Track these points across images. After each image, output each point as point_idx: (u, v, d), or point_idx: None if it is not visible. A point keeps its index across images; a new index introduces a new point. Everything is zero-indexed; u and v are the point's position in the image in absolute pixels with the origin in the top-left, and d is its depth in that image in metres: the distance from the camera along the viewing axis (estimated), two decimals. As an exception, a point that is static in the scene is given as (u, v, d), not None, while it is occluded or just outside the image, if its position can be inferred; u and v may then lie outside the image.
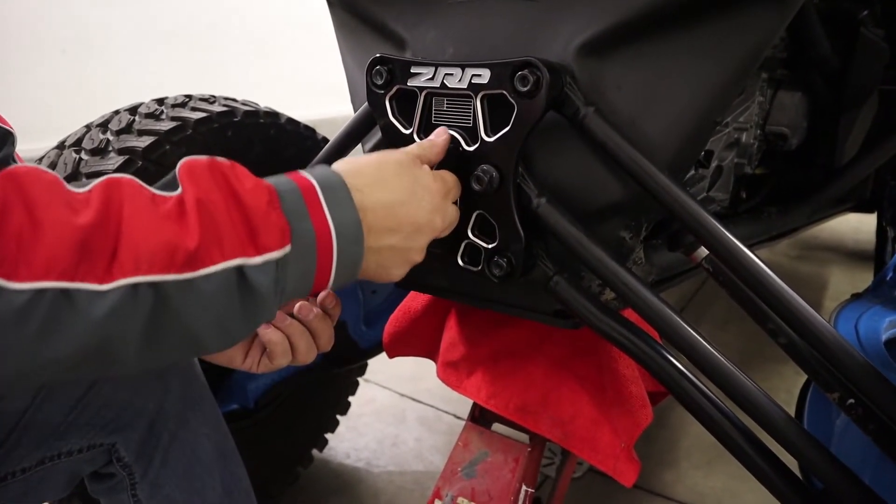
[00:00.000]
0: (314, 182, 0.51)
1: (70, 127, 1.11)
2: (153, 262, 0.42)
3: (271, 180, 0.50)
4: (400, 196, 0.56)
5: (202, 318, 0.45)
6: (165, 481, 0.77)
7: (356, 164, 0.57)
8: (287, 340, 0.62)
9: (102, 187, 0.43)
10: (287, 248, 0.47)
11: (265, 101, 1.21)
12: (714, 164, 1.05)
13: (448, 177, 0.66)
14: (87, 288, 0.40)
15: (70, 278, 0.40)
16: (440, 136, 0.68)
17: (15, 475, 0.72)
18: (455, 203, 0.67)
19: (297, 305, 0.63)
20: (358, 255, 0.53)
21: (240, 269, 0.45)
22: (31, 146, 1.41)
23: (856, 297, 0.96)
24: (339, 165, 0.56)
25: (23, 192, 0.40)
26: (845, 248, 2.74)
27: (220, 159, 0.49)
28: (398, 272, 0.59)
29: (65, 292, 0.40)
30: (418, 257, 0.60)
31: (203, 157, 0.48)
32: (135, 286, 0.42)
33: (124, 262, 0.41)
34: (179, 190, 0.45)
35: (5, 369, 0.40)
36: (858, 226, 2.80)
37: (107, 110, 1.09)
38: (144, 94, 1.16)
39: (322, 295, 0.65)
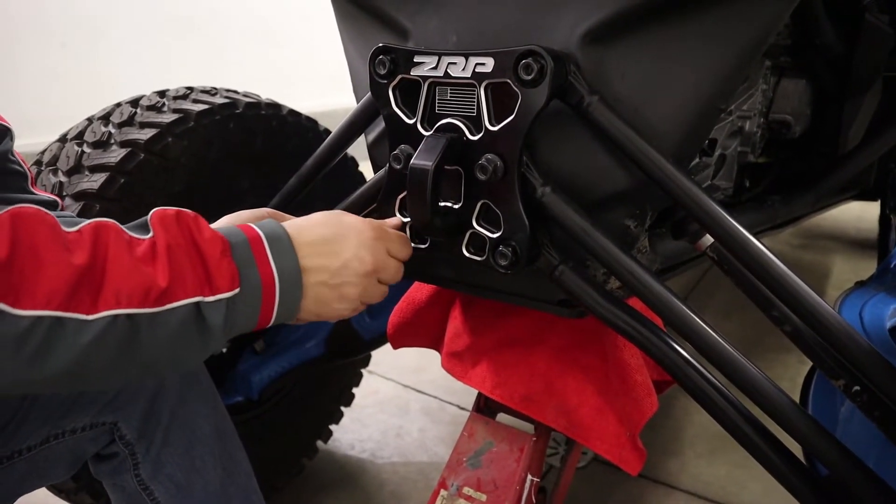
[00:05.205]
0: (261, 234, 0.60)
1: (71, 120, 1.10)
2: (131, 297, 0.51)
3: (225, 231, 0.59)
4: (326, 233, 0.65)
5: (164, 346, 0.53)
6: (167, 460, 0.79)
7: (300, 220, 0.66)
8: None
9: (92, 230, 0.51)
10: (236, 290, 0.57)
11: (267, 93, 1.20)
12: (717, 152, 1.05)
13: (391, 231, 0.71)
14: (77, 317, 0.48)
15: (65, 309, 0.47)
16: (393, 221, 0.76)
17: (21, 453, 0.74)
18: (395, 258, 0.71)
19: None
20: (297, 296, 0.62)
21: (197, 306, 0.54)
22: (32, 140, 1.41)
23: (860, 284, 0.96)
24: (287, 224, 0.65)
25: (28, 232, 0.47)
26: (848, 236, 2.73)
27: (186, 211, 0.58)
28: (338, 308, 0.66)
29: (59, 320, 0.47)
30: (352, 291, 0.66)
31: (172, 209, 0.57)
32: (115, 317, 0.50)
33: (108, 296, 0.50)
34: (151, 234, 0.54)
35: None
36: (861, 214, 2.80)
37: (108, 103, 1.09)
38: (145, 87, 1.16)
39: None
